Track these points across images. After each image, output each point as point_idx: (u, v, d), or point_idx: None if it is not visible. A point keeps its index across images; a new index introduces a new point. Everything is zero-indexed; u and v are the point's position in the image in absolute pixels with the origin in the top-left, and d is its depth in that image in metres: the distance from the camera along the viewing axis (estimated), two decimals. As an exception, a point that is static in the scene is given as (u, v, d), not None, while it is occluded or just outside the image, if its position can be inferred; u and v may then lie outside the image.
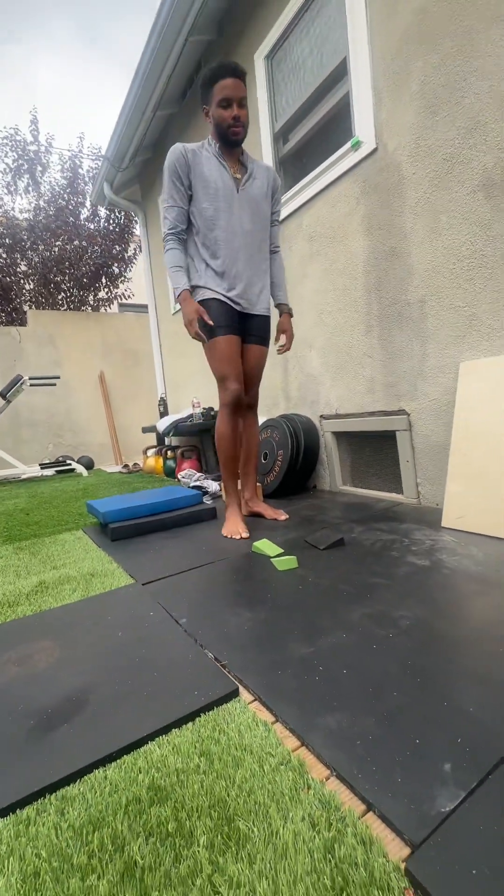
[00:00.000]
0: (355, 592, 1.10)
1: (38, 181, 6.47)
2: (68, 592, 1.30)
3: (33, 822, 0.55)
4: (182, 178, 1.58)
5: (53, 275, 6.55)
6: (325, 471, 2.47)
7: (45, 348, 5.50)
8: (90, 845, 0.51)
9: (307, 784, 0.56)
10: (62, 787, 0.60)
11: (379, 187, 1.92)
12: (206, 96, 1.56)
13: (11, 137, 6.25)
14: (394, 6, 1.74)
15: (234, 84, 1.49)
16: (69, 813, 0.55)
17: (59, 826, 0.54)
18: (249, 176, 1.66)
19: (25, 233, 6.31)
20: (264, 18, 2.44)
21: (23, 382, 4.38)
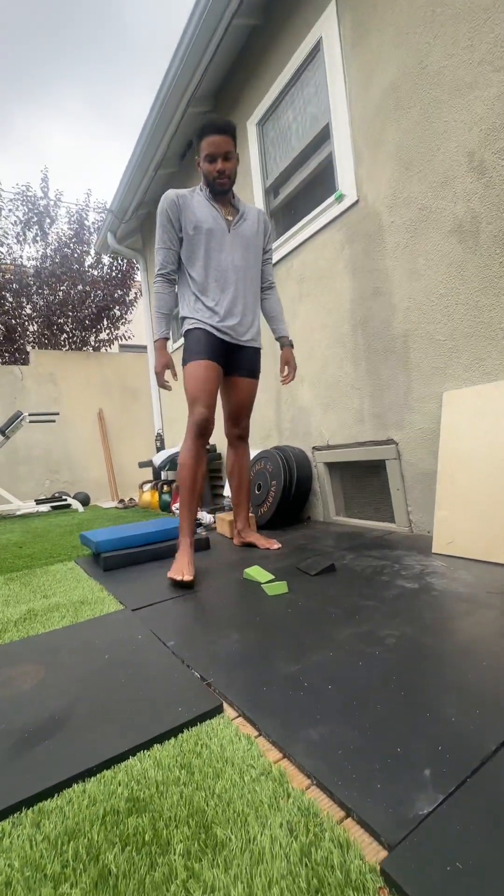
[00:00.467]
0: (344, 614, 1.10)
1: (45, 232, 6.87)
2: (57, 619, 1.29)
3: (7, 835, 0.54)
4: (173, 220, 1.65)
5: (57, 317, 6.81)
6: (318, 501, 2.49)
7: (46, 386, 5.63)
8: (64, 855, 0.50)
9: (287, 793, 0.56)
10: (39, 802, 0.59)
11: (361, 234, 2.07)
12: (196, 148, 1.66)
13: (23, 194, 6.70)
14: (368, 81, 1.95)
15: (219, 140, 1.58)
16: (45, 825, 0.55)
17: (33, 838, 0.53)
18: (241, 217, 1.73)
19: (32, 278, 6.62)
20: (255, 91, 2.72)
21: (22, 419, 4.45)
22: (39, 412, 4.79)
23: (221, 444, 3.57)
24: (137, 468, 5.74)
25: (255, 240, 1.77)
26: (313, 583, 1.37)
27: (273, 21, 2.52)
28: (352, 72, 2.03)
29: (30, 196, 6.73)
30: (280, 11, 2.45)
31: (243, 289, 1.74)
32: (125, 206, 4.16)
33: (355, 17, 1.98)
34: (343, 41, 2.07)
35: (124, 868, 0.47)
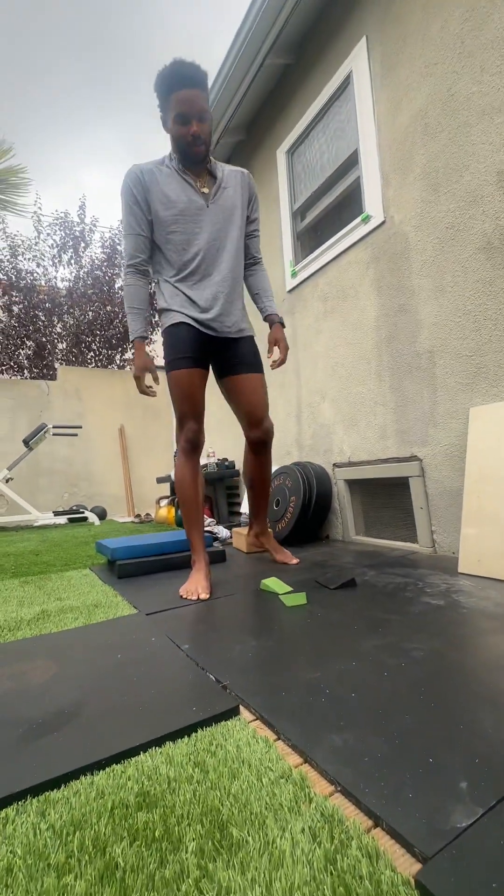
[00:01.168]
0: (366, 626, 1.05)
1: (80, 255, 7.20)
2: (70, 620, 1.27)
3: (11, 822, 0.51)
4: (140, 201, 1.41)
5: (85, 335, 7.04)
6: (338, 520, 2.43)
7: (71, 401, 5.77)
8: (69, 846, 0.47)
9: (308, 798, 0.51)
10: (45, 791, 0.56)
11: (387, 253, 2.09)
12: (162, 105, 1.36)
13: (62, 220, 7.08)
14: (397, 109, 2.01)
15: (192, 96, 1.30)
16: (50, 815, 0.51)
17: (37, 826, 0.50)
18: (219, 186, 1.47)
19: (64, 298, 6.90)
20: (286, 122, 2.84)
21: (46, 431, 4.55)
22: (63, 425, 4.89)
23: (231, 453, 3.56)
24: (155, 484, 5.76)
25: (239, 210, 1.51)
26: (333, 596, 1.32)
27: (305, 59, 2.65)
28: (381, 102, 2.11)
29: (67, 222, 7.11)
30: (312, 50, 2.58)
31: (228, 271, 1.49)
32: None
33: (385, 52, 2.07)
34: (373, 74, 2.15)
35: (132, 862, 0.44)
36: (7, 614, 1.36)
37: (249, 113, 3.13)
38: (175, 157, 1.43)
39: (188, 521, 1.54)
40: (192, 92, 1.31)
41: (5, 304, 6.71)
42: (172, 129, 1.37)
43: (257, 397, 1.59)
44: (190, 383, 1.49)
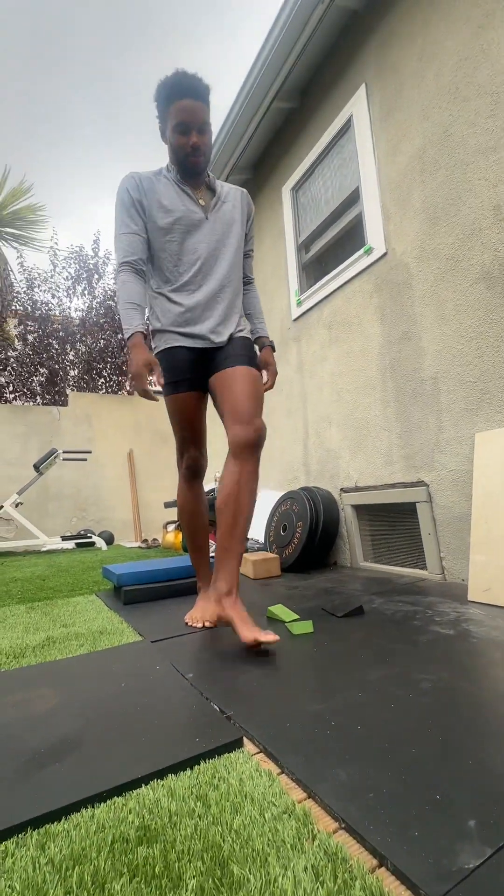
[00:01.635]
0: (373, 656, 1.03)
1: (93, 286, 7.45)
2: (75, 647, 1.26)
3: (10, 855, 0.50)
4: (136, 203, 1.33)
5: (97, 363, 7.21)
6: (346, 546, 2.41)
7: (81, 426, 5.86)
8: (68, 881, 0.46)
9: (312, 835, 0.50)
10: (46, 824, 0.55)
11: (390, 283, 2.15)
12: (162, 115, 1.31)
13: (77, 254, 7.38)
14: (396, 149, 2.11)
15: (194, 106, 1.25)
16: (50, 848, 0.51)
17: (37, 860, 0.49)
18: (218, 199, 1.41)
19: (77, 327, 7.11)
20: (290, 161, 2.98)
21: (56, 455, 4.62)
22: (73, 450, 4.96)
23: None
24: (162, 508, 5.76)
25: (238, 225, 1.45)
26: (340, 624, 1.30)
27: (308, 103, 2.80)
28: (380, 142, 2.21)
29: (82, 255, 7.40)
30: (315, 96, 2.74)
31: (227, 282, 1.40)
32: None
33: (383, 98, 2.19)
34: (372, 118, 2.27)
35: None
36: (13, 640, 1.36)
37: (256, 153, 3.29)
38: (173, 169, 1.37)
39: (192, 547, 1.51)
40: (194, 103, 1.25)
41: (21, 333, 6.93)
42: (171, 139, 1.31)
43: (248, 387, 1.31)
44: (188, 407, 1.40)
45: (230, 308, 1.41)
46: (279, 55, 2.52)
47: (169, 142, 1.33)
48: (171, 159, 1.37)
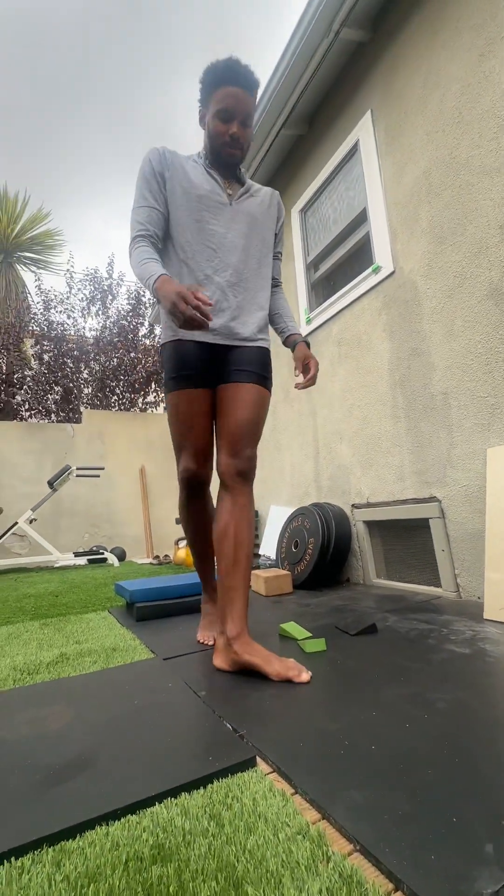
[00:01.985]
0: (387, 675, 1.02)
1: (107, 307, 7.66)
2: (89, 664, 1.27)
3: (27, 871, 0.51)
4: (157, 175, 1.21)
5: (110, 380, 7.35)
6: (358, 562, 2.39)
7: (94, 443, 5.95)
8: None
9: (326, 856, 0.50)
10: (61, 840, 0.55)
11: (398, 301, 2.18)
12: (205, 98, 1.21)
13: (91, 275, 7.61)
14: (402, 171, 2.16)
15: (242, 96, 1.16)
16: (65, 865, 0.51)
17: (52, 877, 0.49)
18: (247, 192, 1.30)
19: (91, 346, 7.28)
20: (299, 185, 3.06)
21: (70, 472, 4.68)
22: (86, 466, 5.02)
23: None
24: (174, 525, 5.77)
25: (265, 219, 1.33)
26: (353, 642, 1.29)
27: (315, 129, 2.90)
28: (386, 166, 2.27)
29: (97, 277, 7.63)
30: (321, 122, 2.83)
31: (246, 274, 1.27)
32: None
33: (389, 123, 2.25)
34: (378, 142, 2.33)
35: (146, 919, 0.43)
36: (27, 657, 1.37)
37: (265, 177, 3.39)
38: (204, 156, 1.27)
39: (198, 563, 1.41)
40: (243, 92, 1.16)
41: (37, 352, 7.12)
42: (210, 125, 1.20)
43: (249, 413, 1.21)
44: (191, 407, 1.21)
45: (247, 306, 1.27)
46: (286, 87, 2.62)
47: (207, 128, 1.22)
48: (205, 146, 1.26)
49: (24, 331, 7.30)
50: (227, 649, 1.11)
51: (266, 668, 1.04)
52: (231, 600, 1.12)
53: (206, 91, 1.21)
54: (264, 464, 3.48)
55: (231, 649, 1.09)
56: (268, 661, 1.05)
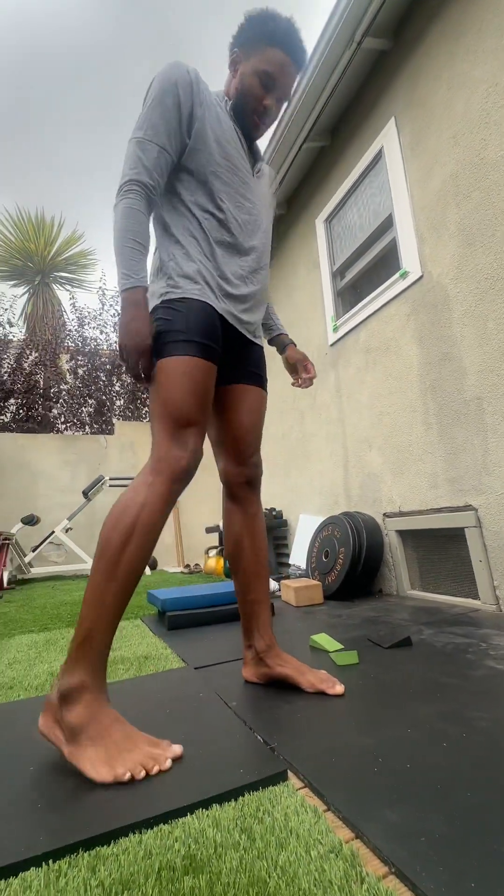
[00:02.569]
0: (423, 690, 0.99)
1: (137, 322, 7.92)
2: (122, 671, 1.29)
3: (63, 875, 0.52)
4: (181, 108, 0.97)
5: (141, 392, 7.54)
6: (391, 573, 2.33)
7: (126, 453, 6.10)
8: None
9: (360, 877, 0.49)
10: (96, 846, 0.57)
11: (427, 305, 2.14)
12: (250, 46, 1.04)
13: (122, 292, 7.91)
14: (428, 175, 2.14)
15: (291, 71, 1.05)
16: (100, 871, 0.52)
17: (88, 882, 0.50)
18: (259, 165, 1.15)
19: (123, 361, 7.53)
20: (323, 195, 3.08)
21: (103, 482, 4.81)
22: (119, 477, 5.15)
23: (277, 501, 3.54)
24: (204, 534, 5.81)
25: (271, 202, 1.21)
26: (387, 655, 1.25)
27: (338, 140, 2.91)
28: (412, 171, 2.25)
29: (128, 294, 7.92)
30: (345, 132, 2.84)
31: (264, 260, 1.13)
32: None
33: (413, 128, 2.24)
34: (403, 148, 2.32)
35: (179, 930, 0.43)
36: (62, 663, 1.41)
37: (289, 189, 3.43)
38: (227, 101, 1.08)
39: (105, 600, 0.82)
40: (294, 68, 1.05)
41: (72, 367, 7.41)
42: (246, 80, 1.04)
43: (257, 419, 1.15)
44: (208, 383, 0.97)
45: (262, 297, 1.14)
46: (309, 100, 2.65)
47: (241, 78, 1.05)
48: (230, 96, 1.08)
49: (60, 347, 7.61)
50: (257, 662, 1.09)
51: (299, 679, 1.03)
52: (256, 613, 1.10)
53: (255, 40, 1.03)
54: (293, 472, 3.46)
55: (263, 662, 1.07)
56: (301, 672, 1.04)
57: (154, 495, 0.88)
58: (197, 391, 0.95)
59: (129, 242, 0.93)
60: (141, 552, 0.85)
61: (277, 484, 3.73)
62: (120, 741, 0.74)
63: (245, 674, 1.12)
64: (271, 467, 3.86)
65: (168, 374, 0.94)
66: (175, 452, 0.91)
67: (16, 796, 0.67)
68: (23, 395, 7.28)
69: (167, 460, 0.91)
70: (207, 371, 0.97)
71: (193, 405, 0.94)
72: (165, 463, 0.91)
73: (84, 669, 0.79)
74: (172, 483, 0.90)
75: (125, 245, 0.93)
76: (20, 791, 0.69)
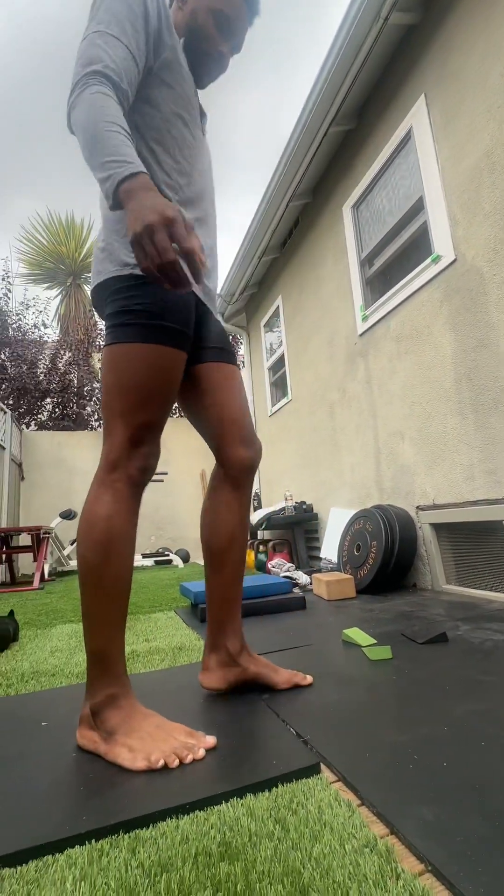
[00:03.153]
0: (459, 688, 0.96)
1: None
2: (157, 662, 1.33)
3: (106, 854, 0.54)
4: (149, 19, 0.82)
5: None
6: (425, 567, 2.28)
7: (158, 449, 6.23)
8: (157, 886, 0.49)
9: (396, 873, 0.48)
10: (135, 829, 0.59)
11: (461, 290, 2.06)
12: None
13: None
14: (461, 153, 2.04)
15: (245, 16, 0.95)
16: (140, 853, 0.54)
17: (129, 863, 0.53)
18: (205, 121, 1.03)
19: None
20: (349, 181, 3.00)
21: (136, 477, 4.92)
22: (151, 472, 5.26)
23: (308, 495, 3.52)
24: (235, 528, 5.86)
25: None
26: (421, 651, 1.23)
27: (365, 123, 2.82)
28: (443, 150, 2.16)
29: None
30: (371, 114, 2.75)
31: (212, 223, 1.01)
32: (232, 290, 4.71)
33: (444, 105, 2.14)
34: (434, 126, 2.22)
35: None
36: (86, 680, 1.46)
37: (315, 177, 3.36)
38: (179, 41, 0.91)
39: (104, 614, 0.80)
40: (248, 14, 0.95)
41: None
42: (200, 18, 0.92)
43: (244, 397, 1.05)
44: (173, 374, 0.86)
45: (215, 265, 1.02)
46: (335, 82, 2.58)
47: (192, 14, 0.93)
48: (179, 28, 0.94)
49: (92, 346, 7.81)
50: (228, 665, 1.00)
51: (274, 677, 1.01)
52: (233, 614, 1.01)
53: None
54: (323, 466, 3.43)
55: (236, 664, 1.00)
56: (274, 670, 1.02)
57: (118, 504, 0.82)
58: (163, 388, 0.85)
59: (110, 127, 0.70)
60: (121, 561, 0.81)
61: (308, 477, 3.71)
62: (153, 732, 0.76)
63: (206, 681, 1.00)
64: (301, 461, 3.84)
65: (130, 364, 0.82)
66: (132, 456, 0.83)
67: (60, 778, 0.71)
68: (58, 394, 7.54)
69: (125, 467, 0.83)
70: (173, 357, 0.85)
71: (158, 403, 0.84)
72: (123, 469, 0.83)
73: (105, 685, 0.79)
74: (132, 487, 0.84)
75: (107, 130, 0.70)
76: (64, 774, 0.72)
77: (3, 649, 1.60)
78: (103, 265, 0.87)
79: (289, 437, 4.09)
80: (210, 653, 1.02)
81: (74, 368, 7.81)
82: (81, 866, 0.52)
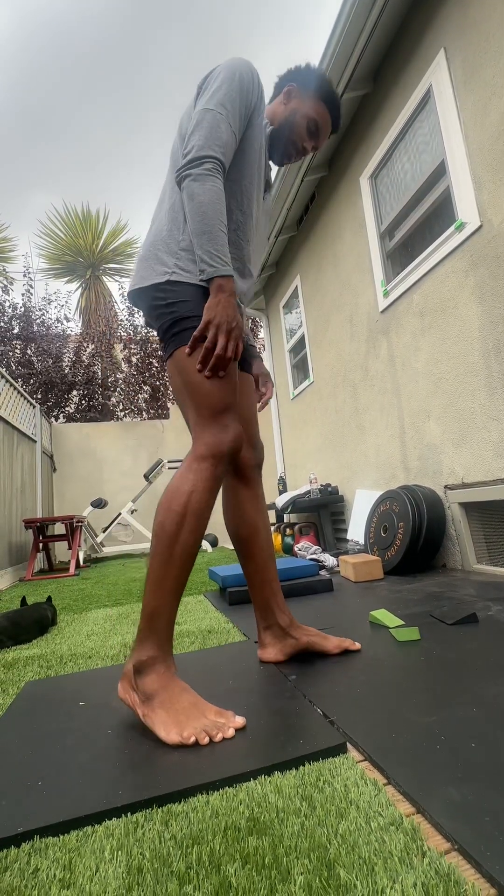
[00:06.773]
0: (490, 669, 0.95)
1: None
2: (187, 644, 1.37)
3: (140, 826, 0.57)
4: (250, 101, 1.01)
5: (192, 376, 7.72)
6: (455, 547, 2.24)
7: (182, 436, 6.29)
8: (189, 857, 0.51)
9: (421, 851, 0.49)
10: (168, 803, 0.62)
11: (488, 258, 1.96)
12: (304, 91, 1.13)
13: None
14: (485, 109, 1.91)
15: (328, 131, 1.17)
16: (172, 826, 0.57)
17: (162, 835, 0.55)
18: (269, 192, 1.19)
19: (173, 346, 7.70)
20: (366, 150, 2.87)
21: (162, 465, 5.01)
22: (176, 459, 5.34)
23: (333, 476, 3.49)
24: (261, 512, 5.90)
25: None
26: (450, 632, 1.22)
27: (381, 85, 2.68)
28: (466, 106, 2.03)
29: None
30: (388, 75, 2.61)
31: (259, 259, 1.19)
32: (250, 273, 4.64)
33: (466, 57, 2.01)
34: (455, 82, 2.09)
35: (244, 885, 0.46)
36: (129, 636, 1.52)
37: (330, 149, 3.24)
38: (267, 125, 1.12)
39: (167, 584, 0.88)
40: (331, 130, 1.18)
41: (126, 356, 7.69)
42: (298, 118, 1.12)
43: (255, 405, 1.25)
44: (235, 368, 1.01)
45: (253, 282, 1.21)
46: (347, 43, 2.45)
47: (293, 112, 1.13)
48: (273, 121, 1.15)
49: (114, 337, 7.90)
50: (283, 637, 1.12)
51: (326, 644, 1.12)
52: (274, 591, 1.14)
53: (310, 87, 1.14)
54: (347, 447, 3.39)
55: (289, 636, 1.11)
56: (325, 637, 1.14)
57: (201, 481, 0.91)
58: (230, 373, 0.97)
59: (223, 227, 0.92)
60: (194, 535, 0.90)
61: (332, 459, 3.68)
62: (187, 708, 0.81)
63: (265, 655, 1.12)
64: (325, 443, 3.81)
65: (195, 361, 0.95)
66: (219, 437, 0.93)
67: (98, 755, 0.75)
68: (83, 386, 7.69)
69: (211, 446, 0.93)
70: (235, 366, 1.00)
71: (229, 389, 0.96)
72: (210, 448, 0.93)
73: (153, 644, 0.86)
74: (217, 467, 0.93)
75: (220, 229, 0.92)
76: (101, 751, 0.76)
77: (43, 633, 1.69)
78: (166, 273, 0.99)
79: (311, 419, 4.05)
80: (264, 630, 1.14)
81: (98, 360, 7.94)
82: (118, 837, 0.55)
